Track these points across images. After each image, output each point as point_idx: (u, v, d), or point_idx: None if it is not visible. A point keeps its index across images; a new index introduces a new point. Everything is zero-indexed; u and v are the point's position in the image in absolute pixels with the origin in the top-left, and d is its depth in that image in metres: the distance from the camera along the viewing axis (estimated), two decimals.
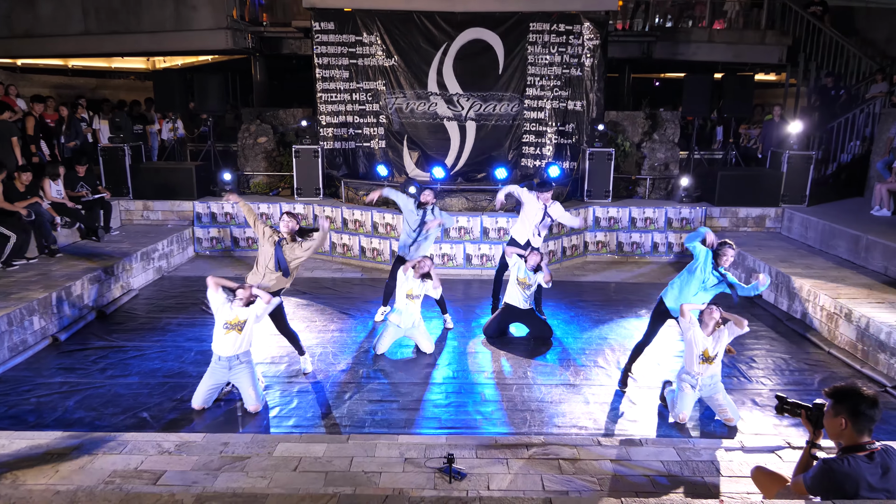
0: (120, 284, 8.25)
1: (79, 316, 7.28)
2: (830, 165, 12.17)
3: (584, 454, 4.46)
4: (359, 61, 10.99)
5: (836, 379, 5.96)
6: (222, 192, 7.38)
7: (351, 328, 7.29)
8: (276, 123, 11.87)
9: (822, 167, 12.13)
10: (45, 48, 12.59)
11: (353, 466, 4.27)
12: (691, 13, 14.08)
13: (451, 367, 6.28)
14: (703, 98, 10.87)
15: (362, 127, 11.32)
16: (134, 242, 9.23)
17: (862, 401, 2.97)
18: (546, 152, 11.18)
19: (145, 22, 12.14)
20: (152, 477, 4.12)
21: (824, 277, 7.68)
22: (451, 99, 11.11)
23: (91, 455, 4.36)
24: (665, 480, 4.17)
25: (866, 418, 2.97)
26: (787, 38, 13.04)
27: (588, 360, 6.44)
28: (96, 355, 6.41)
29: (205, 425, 5.05)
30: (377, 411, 5.35)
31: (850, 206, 10.32)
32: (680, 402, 5.05)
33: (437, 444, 4.58)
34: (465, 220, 9.53)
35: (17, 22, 12.31)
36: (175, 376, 5.94)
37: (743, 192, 10.48)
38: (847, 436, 3.01)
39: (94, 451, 4.40)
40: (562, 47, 10.81)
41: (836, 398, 3.05)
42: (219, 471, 4.20)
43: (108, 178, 10.58)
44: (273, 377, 5.91)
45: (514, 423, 5.20)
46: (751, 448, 4.60)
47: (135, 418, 5.15)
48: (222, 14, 11.94)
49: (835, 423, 3.04)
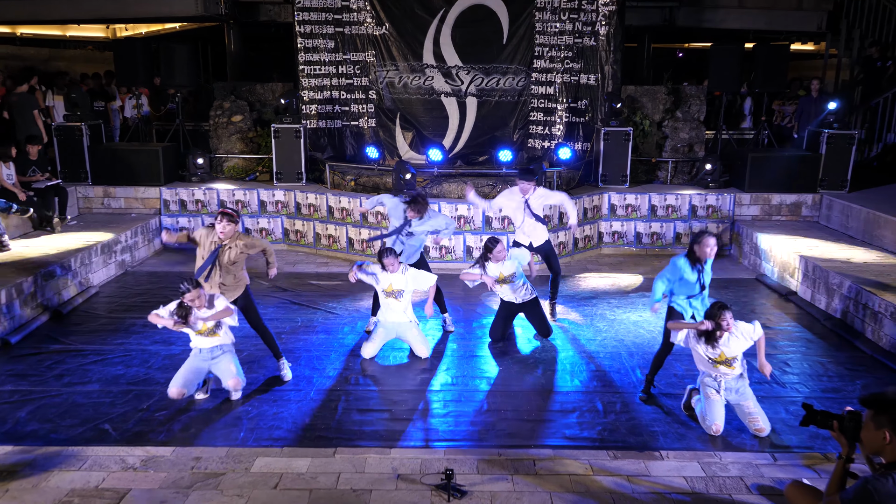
0: (78, 281, 8.24)
1: (31, 316, 7.27)
2: (875, 146, 12.17)
3: (597, 469, 4.47)
4: (346, 29, 10.94)
5: (878, 385, 5.98)
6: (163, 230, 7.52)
7: (338, 329, 7.28)
8: (252, 100, 11.82)
9: (866, 148, 12.14)
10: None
11: (341, 483, 4.27)
12: None
13: (449, 372, 6.28)
14: (732, 71, 10.87)
15: (350, 104, 11.28)
16: (93, 233, 9.21)
17: None
18: (556, 132, 11.16)
19: None
20: (115, 496, 4.11)
21: (867, 272, 7.69)
22: (449, 72, 11.07)
23: (46, 472, 4.35)
24: (688, 499, 4.18)
25: None
26: (828, 3, 13.00)
27: (602, 365, 6.45)
28: (51, 360, 6.39)
29: (175, 438, 5.05)
30: (367, 422, 5.33)
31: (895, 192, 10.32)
32: (709, 411, 5.06)
33: (434, 458, 4.58)
34: (465, 209, 9.52)
35: None
36: (140, 383, 5.93)
37: (776, 176, 10.47)
38: (890, 450, 3.00)
39: (50, 468, 4.40)
40: (574, 13, 10.77)
41: (877, 408, 3.04)
42: (190, 489, 4.20)
43: (63, 161, 10.55)
44: (250, 384, 5.91)
45: (520, 434, 5.19)
46: (784, 462, 4.62)
47: (95, 430, 5.13)
48: None
49: (876, 437, 3.02)
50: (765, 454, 4.77)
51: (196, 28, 15.13)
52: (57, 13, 12.51)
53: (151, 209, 10.53)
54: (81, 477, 4.31)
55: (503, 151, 10.25)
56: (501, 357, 6.64)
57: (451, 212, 9.51)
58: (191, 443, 4.95)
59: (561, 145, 10.70)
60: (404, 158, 11.00)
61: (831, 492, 3.31)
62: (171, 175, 10.81)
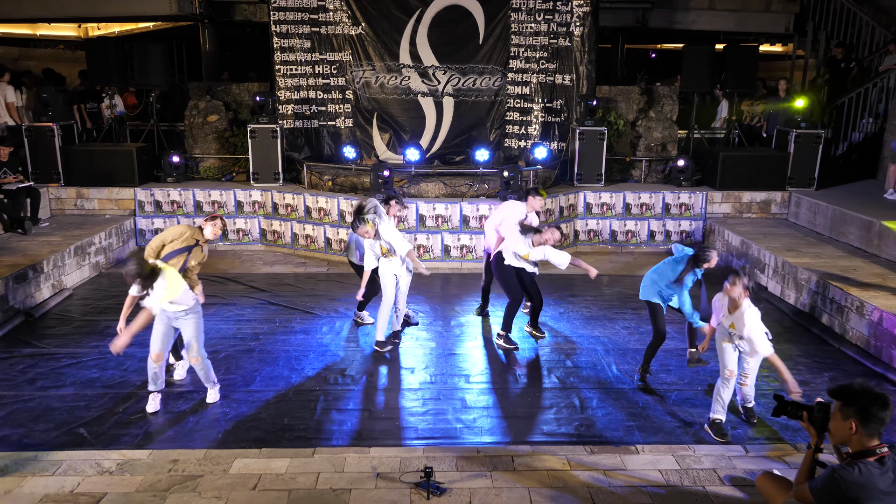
0: (51, 283, 8.09)
1: (3, 320, 7.13)
2: (841, 145, 12.42)
3: (575, 464, 4.51)
4: (322, 29, 10.89)
5: (846, 377, 6.11)
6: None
7: (316, 329, 7.25)
8: (228, 100, 11.71)
9: (832, 147, 12.36)
10: None
11: (320, 483, 4.26)
12: None
13: (427, 370, 6.29)
14: (704, 71, 11.01)
15: (326, 104, 11.23)
16: (66, 235, 9.06)
17: (873, 402, 3.02)
18: (532, 131, 11.22)
19: None
20: (91, 500, 4.06)
21: (834, 267, 7.85)
22: (425, 72, 11.07)
23: (19, 477, 4.28)
24: (663, 491, 4.23)
25: (878, 421, 3.04)
26: (795, 5, 13.22)
27: (579, 361, 6.50)
28: (24, 364, 6.28)
29: (151, 440, 4.99)
30: (346, 421, 5.32)
31: (861, 190, 10.53)
32: (723, 358, 5.17)
33: (413, 456, 4.59)
34: (442, 208, 9.53)
35: None
36: (116, 386, 5.85)
37: (746, 174, 10.65)
38: (856, 440, 3.08)
39: (23, 473, 4.33)
40: (549, 14, 10.84)
41: (845, 399, 3.11)
42: (167, 492, 4.16)
43: (35, 161, 10.34)
44: (227, 386, 5.86)
45: (498, 431, 5.22)
46: (755, 454, 4.69)
47: (70, 434, 5.06)
48: None
49: (843, 427, 3.09)
50: (737, 447, 4.85)
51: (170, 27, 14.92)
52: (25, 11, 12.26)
53: (126, 210, 10.37)
54: (56, 482, 4.24)
55: (480, 151, 10.28)
56: (479, 355, 6.67)
57: (430, 211, 9.51)
58: (168, 445, 4.90)
59: (537, 145, 10.76)
60: (382, 158, 10.98)
61: (800, 480, 3.38)
62: (145, 176, 10.66)
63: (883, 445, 3.07)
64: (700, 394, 5.81)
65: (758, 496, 3.94)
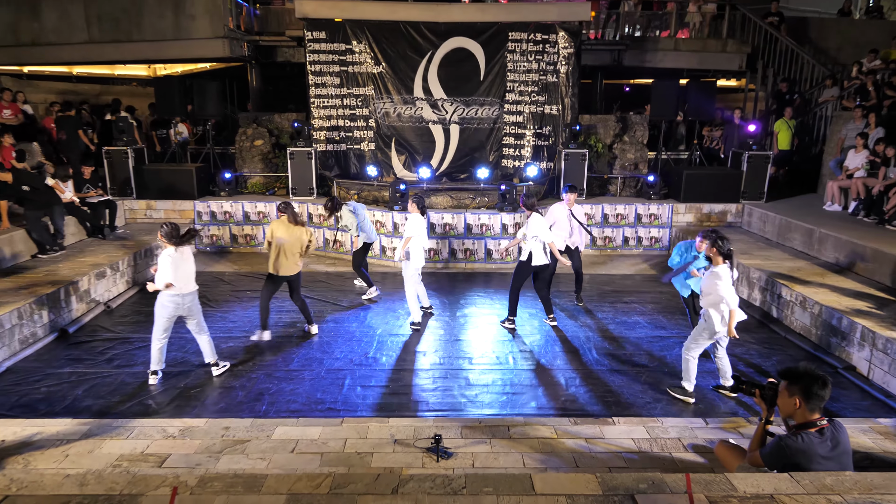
0: (125, 279, 8.15)
1: (86, 310, 7.19)
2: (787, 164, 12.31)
3: (560, 433, 4.49)
4: (349, 68, 10.92)
5: (791, 361, 6.06)
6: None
7: (344, 319, 7.27)
8: (271, 127, 11.76)
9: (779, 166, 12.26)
10: (50, 56, 12.36)
11: (347, 448, 4.26)
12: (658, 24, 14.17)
13: (437, 353, 6.29)
14: (670, 102, 10.97)
15: (353, 130, 11.26)
16: (138, 240, 9.12)
17: (814, 381, 3.01)
18: (525, 153, 11.20)
19: (146, 31, 11.96)
20: (158, 460, 4.08)
21: (781, 268, 7.79)
22: (435, 104, 11.08)
23: (99, 440, 4.31)
24: (635, 457, 4.21)
25: (818, 398, 3.02)
26: (747, 47, 13.16)
27: (565, 347, 6.48)
28: (103, 347, 6.34)
29: (207, 411, 5.01)
30: (369, 395, 5.34)
31: (804, 202, 10.46)
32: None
33: (425, 425, 4.58)
34: (450, 217, 9.53)
35: (22, 31, 12.07)
36: (178, 365, 5.89)
37: (706, 189, 10.59)
38: (800, 414, 3.07)
39: (102, 437, 4.36)
40: (539, 55, 10.83)
41: (791, 379, 3.09)
42: (220, 453, 4.18)
43: (112, 179, 10.43)
44: (270, 366, 5.88)
45: (497, 405, 5.22)
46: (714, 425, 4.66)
47: (140, 405, 5.11)
48: (220, 24, 11.79)
49: (789, 402, 3.08)
50: (698, 419, 4.81)
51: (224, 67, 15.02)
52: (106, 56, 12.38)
53: (187, 219, 10.43)
54: (129, 444, 4.27)
55: (481, 169, 10.29)
56: (480, 341, 6.66)
57: (439, 220, 9.51)
58: (221, 415, 4.92)
59: (529, 164, 10.75)
60: (399, 176, 10.99)
61: (753, 448, 3.36)
62: (203, 190, 10.72)
63: (823, 419, 3.05)
64: (666, 375, 5.78)
65: (716, 461, 3.92)
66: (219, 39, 11.84)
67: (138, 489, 2.88)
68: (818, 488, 2.85)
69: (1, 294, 6.42)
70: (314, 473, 3.21)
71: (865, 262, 7.40)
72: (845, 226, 8.46)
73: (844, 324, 6.01)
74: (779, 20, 13.44)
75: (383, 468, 3.97)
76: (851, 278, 7.28)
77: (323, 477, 2.99)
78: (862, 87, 11.07)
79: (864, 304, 6.37)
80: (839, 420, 3.13)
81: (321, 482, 2.94)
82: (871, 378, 5.63)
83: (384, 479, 2.95)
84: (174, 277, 5.31)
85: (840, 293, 6.72)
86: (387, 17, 10.70)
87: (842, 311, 6.15)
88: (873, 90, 10.80)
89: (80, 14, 11.94)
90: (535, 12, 10.96)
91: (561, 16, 10.71)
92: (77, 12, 11.93)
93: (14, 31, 12.08)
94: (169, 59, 13.97)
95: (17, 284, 6.78)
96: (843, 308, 6.23)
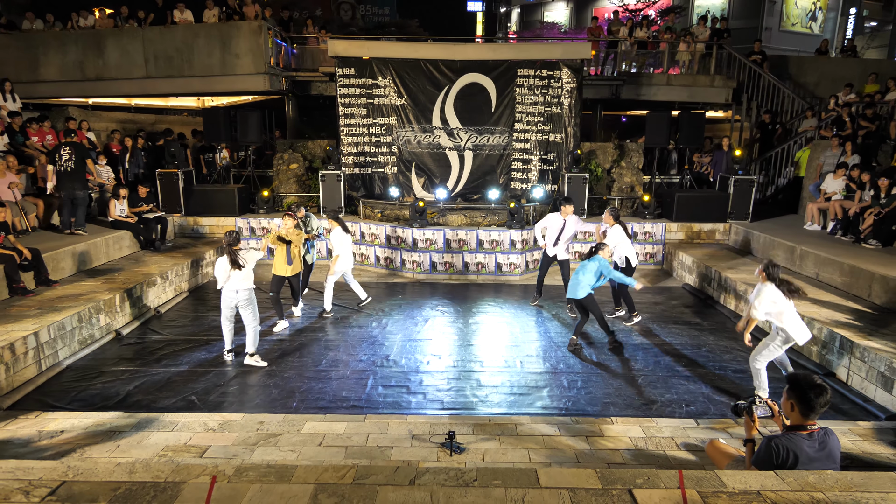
0: (174, 287, 8.24)
1: (138, 314, 7.27)
2: (770, 188, 12.18)
3: (563, 431, 4.43)
4: (375, 101, 11.03)
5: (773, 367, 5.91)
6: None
7: (367, 324, 7.27)
8: (305, 152, 11.88)
9: (763, 189, 12.14)
10: (112, 89, 12.69)
11: (369, 442, 4.24)
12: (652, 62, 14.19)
13: (451, 357, 6.25)
14: (663, 131, 10.90)
15: (377, 155, 11.34)
16: (186, 252, 9.23)
17: (810, 389, 2.97)
18: (531, 177, 11.19)
19: (196, 67, 12.23)
20: (199, 451, 4.10)
21: None
22: (451, 132, 11.13)
23: (147, 432, 4.35)
24: (632, 454, 4.14)
25: (811, 405, 2.98)
26: (732, 82, 13.10)
27: (567, 352, 6.41)
28: (152, 347, 6.40)
29: (244, 406, 5.02)
30: (389, 395, 5.32)
31: (786, 222, 10.30)
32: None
33: (439, 422, 4.55)
34: (463, 234, 9.52)
35: (88, 68, 12.43)
36: (219, 365, 5.92)
37: (696, 209, 10.47)
38: (794, 417, 3.03)
39: (150, 429, 4.39)
40: (544, 89, 10.86)
41: (791, 385, 3.08)
42: (255, 445, 4.18)
43: (164, 197, 10.59)
44: (300, 367, 5.88)
45: (505, 404, 5.16)
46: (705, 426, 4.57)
47: (184, 401, 5.13)
48: (261, 61, 12.02)
49: (786, 405, 3.10)
50: (690, 420, 4.73)
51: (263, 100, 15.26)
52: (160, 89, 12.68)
53: None
54: (174, 436, 4.29)
55: (492, 191, 10.29)
56: (490, 346, 6.61)
57: (454, 236, 9.52)
58: (256, 410, 4.93)
59: (535, 186, 10.73)
60: (418, 196, 11.01)
61: (748, 466, 3.30)
62: (244, 208, 10.85)
63: (814, 423, 3.00)
64: (660, 378, 5.69)
65: (707, 459, 3.84)
66: (260, 75, 12.06)
67: (181, 477, 2.88)
68: (802, 485, 2.78)
69: (61, 300, 6.52)
70: (339, 465, 3.20)
71: (843, 277, 7.26)
72: (824, 244, 8.31)
73: (825, 334, 5.88)
74: (762, 58, 13.38)
75: (402, 461, 3.94)
76: (831, 292, 7.13)
77: (347, 468, 2.97)
78: (838, 119, 10.94)
79: (843, 315, 6.23)
80: (831, 428, 3.06)
81: (345, 473, 2.93)
82: (850, 384, 5.49)
83: (402, 471, 2.93)
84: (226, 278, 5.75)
85: (820, 305, 6.59)
86: (409, 56, 10.82)
87: (822, 321, 6.02)
88: (849, 121, 10.67)
89: (139, 53, 12.26)
90: (541, 51, 11.03)
91: (564, 54, 10.76)
92: (136, 51, 12.25)
93: (82, 68, 12.43)
94: (216, 93, 14.24)
95: (74, 291, 6.88)
96: (824, 319, 6.10)
